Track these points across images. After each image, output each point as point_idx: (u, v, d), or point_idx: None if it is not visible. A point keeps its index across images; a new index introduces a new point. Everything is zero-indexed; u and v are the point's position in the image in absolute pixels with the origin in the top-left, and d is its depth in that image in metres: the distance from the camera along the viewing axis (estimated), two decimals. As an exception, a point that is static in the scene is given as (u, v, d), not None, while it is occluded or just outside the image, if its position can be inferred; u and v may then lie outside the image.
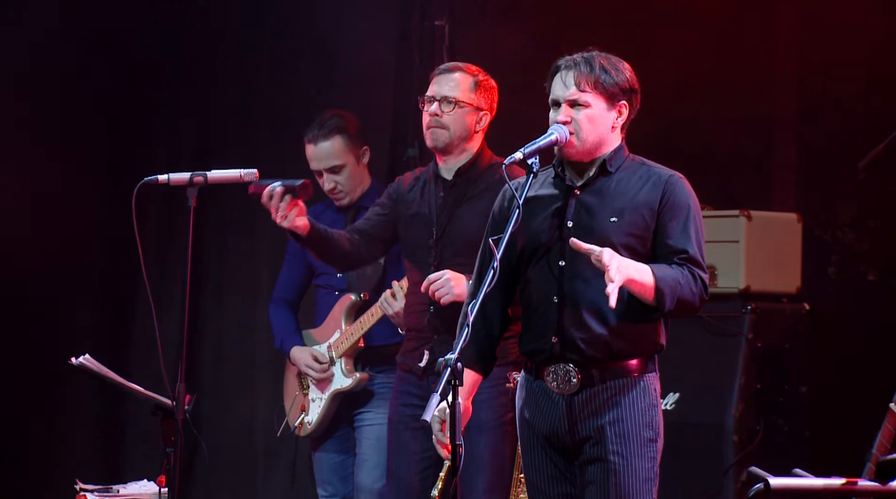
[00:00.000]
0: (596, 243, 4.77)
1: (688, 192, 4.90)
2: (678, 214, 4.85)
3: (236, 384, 7.82)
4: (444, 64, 6.03)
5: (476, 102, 5.89)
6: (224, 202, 7.42)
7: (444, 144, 5.89)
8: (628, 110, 4.91)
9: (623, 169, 4.92)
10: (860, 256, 7.32)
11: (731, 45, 7.27)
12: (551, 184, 4.95)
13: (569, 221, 4.88)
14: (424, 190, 5.99)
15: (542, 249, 4.90)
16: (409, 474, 5.87)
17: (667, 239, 4.84)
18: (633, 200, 4.87)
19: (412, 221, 5.97)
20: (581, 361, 4.85)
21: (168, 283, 7.17)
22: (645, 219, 4.85)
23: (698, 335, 6.68)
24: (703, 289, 4.82)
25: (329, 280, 6.75)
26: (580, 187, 4.92)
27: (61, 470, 7.45)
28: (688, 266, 4.81)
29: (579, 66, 4.87)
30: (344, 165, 6.63)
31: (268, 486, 7.75)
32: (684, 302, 4.78)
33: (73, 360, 6.40)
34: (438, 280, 5.72)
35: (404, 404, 5.86)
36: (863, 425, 5.87)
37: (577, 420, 4.86)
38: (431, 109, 5.90)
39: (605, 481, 4.83)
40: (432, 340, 5.78)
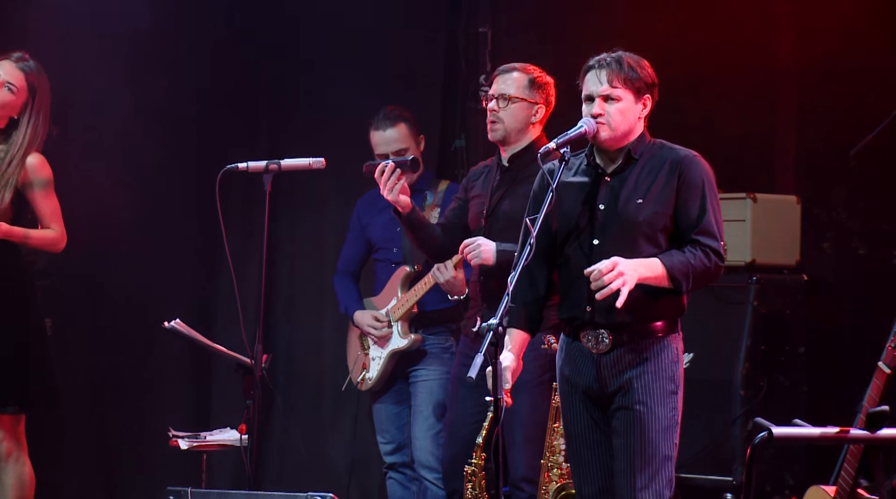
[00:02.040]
0: (624, 224, 4.81)
1: (702, 168, 4.89)
2: (694, 191, 4.84)
3: (306, 345, 7.81)
4: (505, 65, 5.98)
5: (531, 98, 5.87)
6: (295, 186, 7.42)
7: (501, 136, 5.87)
8: (651, 102, 4.92)
9: (646, 154, 4.91)
10: (852, 233, 7.28)
11: (735, 45, 7.22)
12: (584, 171, 4.94)
13: (600, 204, 4.88)
14: (488, 175, 5.98)
15: (576, 229, 4.89)
16: (462, 425, 5.86)
17: (685, 215, 4.84)
18: (655, 182, 4.86)
19: (474, 201, 5.98)
20: (612, 326, 4.85)
21: (247, 257, 7.17)
22: (666, 197, 4.84)
23: (710, 303, 6.66)
24: (717, 259, 4.82)
25: (386, 254, 6.75)
26: (610, 174, 4.91)
27: (156, 420, 7.45)
28: (700, 244, 4.80)
29: (610, 64, 4.86)
30: (406, 148, 6.63)
31: (334, 434, 7.74)
32: (701, 278, 4.79)
33: (166, 324, 6.43)
34: (471, 244, 5.72)
35: (462, 364, 5.85)
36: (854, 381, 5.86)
37: (608, 375, 4.86)
38: (490, 106, 5.89)
39: (632, 427, 4.83)
40: (483, 308, 5.78)
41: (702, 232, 4.81)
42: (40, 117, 5.76)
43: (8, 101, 5.73)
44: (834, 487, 4.79)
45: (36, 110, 5.75)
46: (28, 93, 5.75)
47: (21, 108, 5.76)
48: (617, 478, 4.86)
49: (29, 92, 5.75)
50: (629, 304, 4.74)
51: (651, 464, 4.82)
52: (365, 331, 6.66)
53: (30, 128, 5.74)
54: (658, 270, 4.74)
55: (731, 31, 7.20)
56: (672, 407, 4.87)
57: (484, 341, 4.61)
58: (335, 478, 7.41)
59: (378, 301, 6.71)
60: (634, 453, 4.82)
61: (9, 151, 5.75)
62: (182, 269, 7.90)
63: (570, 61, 5.38)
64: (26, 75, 5.74)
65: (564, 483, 5.56)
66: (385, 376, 6.66)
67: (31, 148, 5.75)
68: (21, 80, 5.74)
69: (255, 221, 6.48)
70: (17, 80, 5.73)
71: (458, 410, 5.93)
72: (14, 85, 5.72)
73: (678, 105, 5.61)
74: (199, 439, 6.57)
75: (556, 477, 5.62)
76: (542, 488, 5.66)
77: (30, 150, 5.75)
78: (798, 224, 7.01)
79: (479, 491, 5.83)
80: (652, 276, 4.72)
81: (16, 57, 5.77)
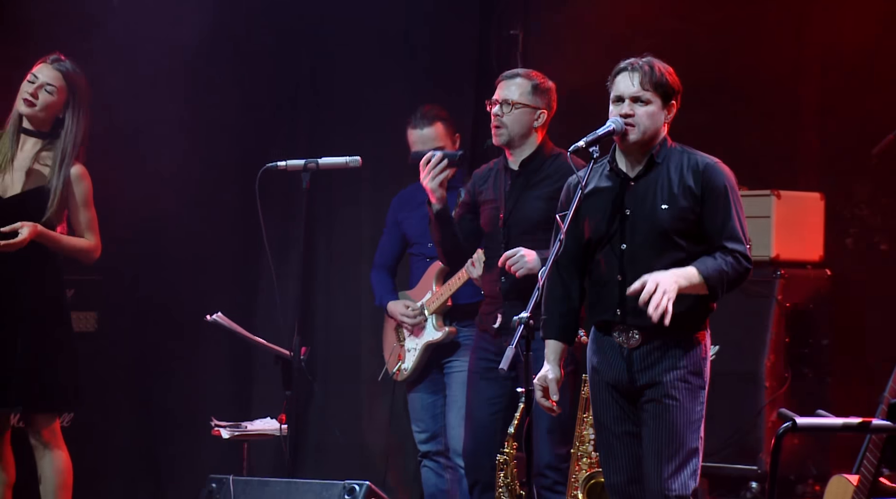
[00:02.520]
0: (651, 229, 4.82)
1: (725, 175, 4.87)
2: (719, 198, 4.83)
3: (343, 337, 7.81)
4: (507, 71, 5.97)
5: (534, 103, 5.83)
6: (333, 184, 7.44)
7: (505, 140, 5.84)
8: (675, 109, 4.91)
9: (668, 158, 4.90)
10: (874, 228, 7.26)
11: (760, 46, 7.21)
12: (607, 177, 4.93)
13: (627, 209, 4.87)
14: (496, 179, 5.95)
15: (605, 234, 4.89)
16: (482, 415, 5.85)
17: (711, 221, 4.83)
18: (678, 187, 4.85)
19: (484, 205, 5.96)
20: (642, 326, 4.85)
21: (286, 252, 7.19)
22: (689, 203, 4.83)
23: (735, 297, 6.56)
24: (746, 264, 4.83)
25: (421, 249, 6.75)
26: (634, 179, 4.90)
27: (199, 410, 7.48)
28: (730, 248, 4.80)
29: (642, 68, 4.86)
30: (443, 146, 6.61)
31: (370, 423, 7.75)
32: (733, 282, 4.82)
33: (208, 317, 6.45)
34: (514, 256, 5.68)
35: (480, 358, 5.86)
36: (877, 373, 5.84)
37: (638, 370, 4.86)
38: (494, 111, 5.87)
39: (661, 420, 4.83)
40: (504, 305, 5.77)
41: (729, 238, 4.81)
42: (81, 114, 5.81)
43: (50, 103, 5.79)
44: (857, 475, 4.77)
45: (77, 107, 5.80)
46: (68, 91, 5.80)
47: (63, 107, 5.81)
48: (645, 468, 4.86)
49: (68, 91, 5.80)
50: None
51: (678, 455, 4.82)
52: (398, 319, 6.67)
53: (74, 124, 5.79)
54: (695, 278, 4.75)
55: (755, 33, 7.19)
56: (699, 401, 4.88)
57: (515, 334, 4.61)
58: (371, 466, 7.43)
59: (413, 294, 6.72)
60: (662, 445, 4.82)
61: (60, 148, 5.81)
62: (224, 263, 7.91)
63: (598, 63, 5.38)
64: (63, 75, 5.80)
65: (593, 472, 5.57)
66: (420, 366, 6.67)
67: (78, 144, 5.79)
68: (59, 79, 5.79)
69: (294, 217, 6.50)
70: (55, 81, 5.79)
71: (477, 402, 5.93)
72: (53, 85, 5.78)
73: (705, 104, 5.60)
74: (240, 429, 6.59)
75: (586, 466, 5.63)
76: (571, 477, 5.67)
77: (77, 146, 5.79)
78: (821, 220, 6.99)
79: (511, 479, 5.83)
80: (690, 285, 4.74)
81: (52, 59, 5.83)
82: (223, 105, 7.86)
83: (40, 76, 5.78)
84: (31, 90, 5.77)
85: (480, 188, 5.99)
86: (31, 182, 5.79)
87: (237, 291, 7.78)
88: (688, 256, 4.82)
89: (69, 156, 5.78)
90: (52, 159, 5.80)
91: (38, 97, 5.77)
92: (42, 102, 5.77)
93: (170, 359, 7.84)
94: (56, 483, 5.81)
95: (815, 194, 7.03)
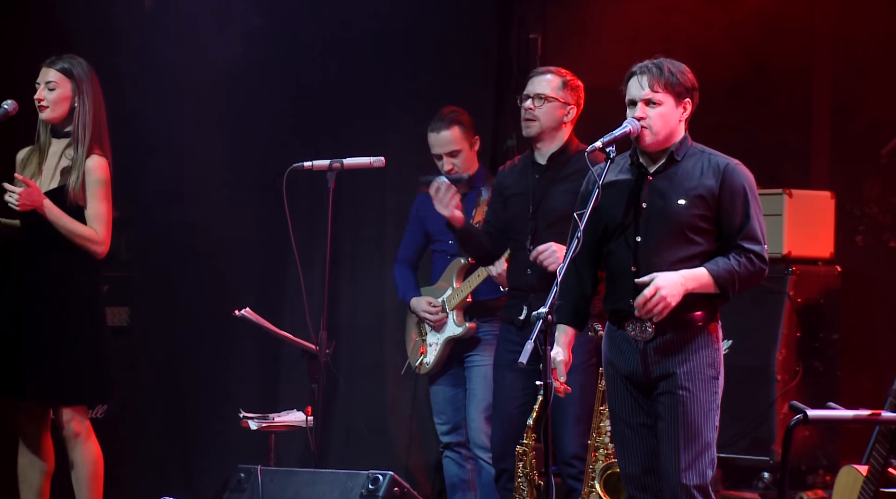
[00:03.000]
0: (666, 223, 4.81)
1: (744, 175, 4.85)
2: (737, 198, 4.82)
3: (368, 332, 7.82)
4: (538, 68, 5.99)
5: (564, 98, 5.86)
6: (357, 184, 7.45)
7: (536, 133, 5.86)
8: (691, 106, 4.90)
9: (688, 157, 4.89)
10: (883, 226, 7.24)
11: (775, 54, 7.20)
12: (628, 170, 4.92)
13: (643, 203, 4.86)
14: (522, 173, 5.97)
15: (621, 226, 4.88)
16: (510, 407, 5.85)
17: (729, 221, 4.82)
18: (696, 185, 4.83)
19: (511, 199, 5.96)
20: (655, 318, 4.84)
21: (312, 249, 7.20)
22: (707, 201, 4.82)
23: (748, 293, 6.55)
24: (761, 264, 4.81)
25: (443, 246, 6.75)
26: (653, 174, 4.89)
27: (228, 402, 7.50)
28: (745, 248, 4.78)
29: (651, 70, 4.84)
30: (460, 150, 6.62)
31: (393, 415, 7.75)
32: (746, 282, 4.80)
33: (237, 312, 6.47)
34: (546, 251, 5.69)
35: (506, 350, 5.85)
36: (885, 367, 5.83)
37: (652, 362, 4.85)
38: (526, 105, 5.88)
39: (675, 411, 4.81)
40: (530, 298, 5.77)
41: (746, 238, 4.80)
42: (88, 101, 5.82)
43: (56, 98, 5.83)
44: (866, 466, 4.77)
45: (83, 96, 5.82)
46: (69, 83, 5.82)
47: (71, 99, 5.84)
48: (662, 459, 4.85)
49: (71, 83, 5.82)
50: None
51: (694, 445, 4.81)
52: (420, 316, 6.67)
53: (83, 112, 5.81)
54: (704, 279, 4.74)
55: (769, 37, 7.17)
56: (713, 391, 4.86)
57: (534, 329, 4.61)
58: (395, 457, 7.43)
59: (434, 290, 6.73)
60: (679, 436, 4.80)
61: (74, 137, 5.83)
62: (252, 260, 7.93)
63: (613, 65, 5.38)
64: (60, 70, 5.83)
65: (610, 463, 5.56)
66: (441, 360, 6.67)
67: (90, 130, 5.81)
68: (56, 75, 5.83)
69: (320, 215, 6.49)
70: (54, 77, 5.83)
71: (504, 394, 5.93)
72: (53, 81, 5.83)
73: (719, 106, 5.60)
74: (267, 420, 6.60)
75: (602, 456, 5.62)
76: (588, 467, 5.66)
77: (90, 133, 5.81)
78: (832, 218, 6.98)
79: (531, 469, 5.83)
80: (698, 286, 4.74)
81: (48, 61, 5.88)
82: (251, 108, 7.88)
83: (41, 79, 5.85)
84: (37, 95, 5.82)
85: (507, 183, 6.00)
86: (62, 180, 5.81)
87: (265, 287, 7.80)
88: (701, 253, 4.80)
89: (83, 144, 5.79)
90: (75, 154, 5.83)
91: (44, 98, 5.81)
92: (49, 100, 5.81)
93: (199, 353, 7.84)
94: (87, 473, 5.83)
95: (826, 193, 7.02)
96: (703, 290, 4.75)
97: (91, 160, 5.82)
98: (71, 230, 5.77)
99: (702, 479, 4.82)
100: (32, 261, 5.83)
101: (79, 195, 5.79)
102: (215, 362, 7.87)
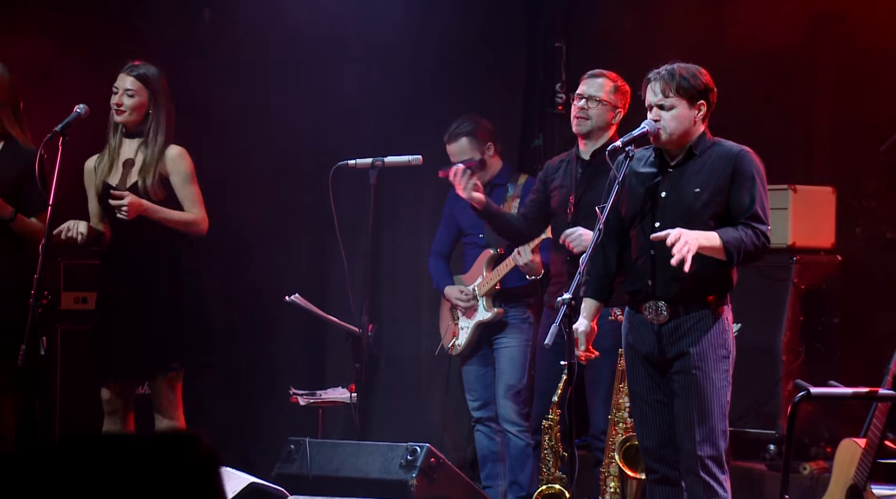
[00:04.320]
0: (682, 210, 4.82)
1: (753, 162, 4.87)
2: (746, 181, 4.83)
3: (406, 316, 7.82)
4: (592, 70, 5.97)
5: (614, 102, 5.86)
6: (397, 180, 7.47)
7: (587, 131, 5.87)
8: (707, 106, 4.88)
9: (705, 150, 4.90)
10: (881, 218, 7.21)
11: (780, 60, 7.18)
12: (651, 163, 4.94)
13: (662, 193, 4.88)
14: (567, 167, 5.97)
15: (641, 213, 4.91)
16: (550, 384, 5.87)
17: (738, 202, 4.82)
18: (711, 173, 4.85)
19: (555, 190, 5.97)
20: (669, 299, 4.85)
21: (355, 241, 7.21)
22: (721, 187, 4.83)
23: (756, 280, 6.63)
24: (764, 240, 4.80)
25: (474, 239, 6.78)
26: (673, 166, 4.91)
27: (279, 380, 7.53)
28: (752, 225, 4.79)
29: (664, 76, 4.86)
30: (472, 158, 6.64)
31: (429, 392, 7.77)
32: (750, 254, 4.78)
33: (287, 298, 6.49)
34: (573, 234, 5.72)
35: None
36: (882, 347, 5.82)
37: (667, 343, 4.87)
38: (579, 104, 5.87)
39: (690, 389, 4.85)
40: (569, 284, 5.77)
41: (751, 217, 4.80)
42: (162, 106, 5.82)
43: (134, 104, 5.80)
44: (864, 439, 4.77)
45: (158, 101, 5.83)
46: (146, 90, 5.82)
47: (147, 105, 5.84)
48: (679, 433, 4.86)
49: (147, 90, 5.82)
50: (687, 279, 4.75)
51: (708, 420, 4.83)
52: (453, 302, 6.70)
53: (157, 116, 5.81)
54: (716, 242, 4.72)
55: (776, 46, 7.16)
56: (724, 370, 4.87)
57: (559, 314, 4.63)
58: (430, 431, 7.44)
59: (466, 279, 6.75)
60: (693, 412, 4.83)
61: (149, 139, 5.84)
62: (300, 250, 7.96)
63: (633, 71, 5.38)
64: (138, 78, 5.81)
65: (628, 436, 5.57)
66: (472, 343, 6.69)
67: (166, 134, 5.82)
68: (134, 83, 5.80)
69: (362, 209, 6.53)
70: (132, 85, 5.80)
71: (545, 372, 5.95)
72: (130, 89, 5.82)
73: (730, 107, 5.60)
74: (315, 397, 6.63)
75: (622, 430, 5.63)
76: (609, 440, 5.68)
77: (165, 136, 5.82)
78: (833, 211, 6.95)
79: (555, 442, 5.85)
80: (710, 246, 4.71)
81: (127, 68, 5.86)
82: (299, 107, 7.91)
83: (119, 85, 5.82)
84: (115, 100, 5.81)
85: (553, 176, 6.01)
86: (138, 177, 5.81)
87: (312, 275, 7.80)
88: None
89: (158, 144, 5.79)
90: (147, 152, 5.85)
91: (122, 104, 5.80)
92: (127, 106, 5.79)
93: (253, 335, 7.88)
94: None
95: (828, 188, 7.00)
96: (713, 252, 4.71)
97: (172, 150, 5.81)
98: (176, 220, 5.78)
99: (716, 450, 4.84)
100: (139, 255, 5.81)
101: (156, 190, 5.78)
102: (268, 344, 7.89)
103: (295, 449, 5.78)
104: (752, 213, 4.79)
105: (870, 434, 4.74)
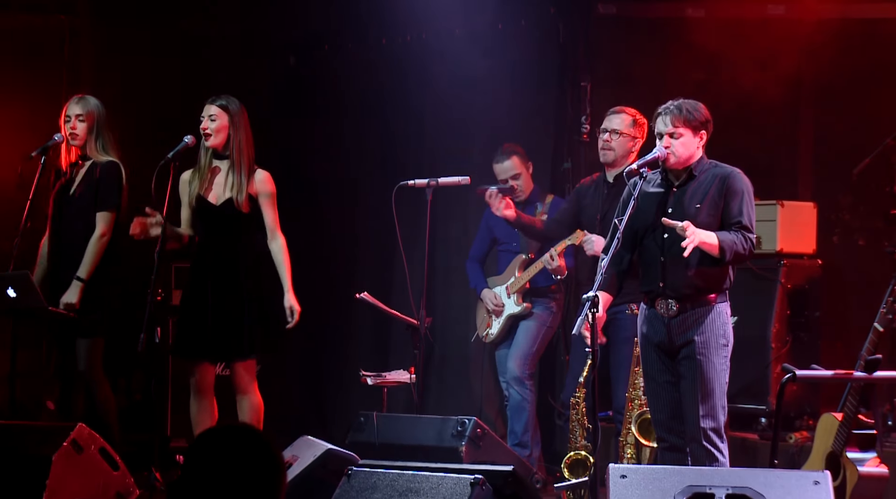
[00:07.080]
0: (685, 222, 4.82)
1: (743, 180, 4.90)
2: (736, 196, 4.86)
3: (456, 311, 7.76)
4: (613, 107, 5.96)
5: (633, 133, 5.89)
6: (449, 198, 7.50)
7: (612, 159, 5.91)
8: (706, 135, 4.92)
9: (703, 172, 4.92)
10: (854, 229, 7.18)
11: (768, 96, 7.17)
12: (659, 184, 4.97)
13: (669, 209, 4.91)
14: (596, 189, 6.02)
15: (651, 226, 4.93)
16: (581, 369, 5.86)
17: (729, 213, 4.85)
18: (709, 191, 4.87)
19: (587, 207, 6.02)
20: (678, 297, 4.87)
21: (414, 248, 7.21)
22: (716, 202, 4.85)
23: (750, 281, 6.60)
24: (751, 245, 4.83)
25: (507, 246, 6.82)
26: (677, 186, 4.94)
27: (351, 364, 7.54)
28: (742, 231, 4.81)
29: (673, 110, 4.89)
30: (519, 173, 6.66)
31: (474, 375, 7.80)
32: (739, 254, 4.80)
33: (357, 295, 6.53)
34: (588, 240, 5.78)
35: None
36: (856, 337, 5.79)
37: (675, 333, 4.91)
38: (604, 137, 5.91)
39: (695, 372, 4.86)
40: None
41: (740, 225, 4.82)
42: (241, 130, 5.79)
43: (218, 127, 5.79)
44: (841, 413, 4.77)
45: (237, 127, 5.80)
46: (226, 116, 5.80)
47: (228, 128, 5.86)
48: (685, 409, 4.89)
49: (227, 115, 5.81)
50: (692, 279, 4.78)
51: (710, 397, 4.86)
52: (486, 305, 6.74)
53: (237, 140, 5.78)
54: (713, 240, 4.76)
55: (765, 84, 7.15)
56: (724, 356, 4.90)
57: (583, 309, 4.66)
58: (472, 405, 7.47)
59: (500, 279, 6.79)
60: (697, 391, 4.83)
61: (233, 161, 5.85)
62: (369, 255, 7.97)
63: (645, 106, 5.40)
64: (219, 106, 5.84)
65: (643, 410, 5.59)
66: (503, 332, 6.73)
67: (248, 157, 5.82)
68: (215, 110, 5.79)
69: (420, 222, 6.56)
70: (213, 112, 5.82)
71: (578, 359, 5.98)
72: (212, 114, 5.84)
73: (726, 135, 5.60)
74: (381, 378, 6.60)
75: (637, 406, 5.65)
76: (626, 414, 5.69)
77: (246, 156, 5.79)
78: (814, 223, 6.92)
79: (581, 416, 5.86)
80: (708, 242, 4.75)
81: (210, 100, 5.86)
82: (368, 134, 7.96)
83: (205, 112, 5.83)
84: (203, 125, 5.81)
85: (584, 193, 6.05)
86: (231, 193, 5.80)
87: (379, 276, 7.81)
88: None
89: (241, 166, 5.76)
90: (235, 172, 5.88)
91: (208, 127, 5.79)
92: (212, 129, 5.78)
93: (329, 327, 7.92)
94: (251, 419, 5.75)
95: (810, 204, 6.97)
96: (709, 248, 4.73)
97: (260, 174, 5.81)
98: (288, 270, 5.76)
99: (717, 423, 4.86)
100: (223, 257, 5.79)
101: (244, 204, 5.78)
102: (341, 334, 7.93)
103: (364, 421, 5.80)
104: (740, 222, 4.82)
105: (846, 409, 4.75)
